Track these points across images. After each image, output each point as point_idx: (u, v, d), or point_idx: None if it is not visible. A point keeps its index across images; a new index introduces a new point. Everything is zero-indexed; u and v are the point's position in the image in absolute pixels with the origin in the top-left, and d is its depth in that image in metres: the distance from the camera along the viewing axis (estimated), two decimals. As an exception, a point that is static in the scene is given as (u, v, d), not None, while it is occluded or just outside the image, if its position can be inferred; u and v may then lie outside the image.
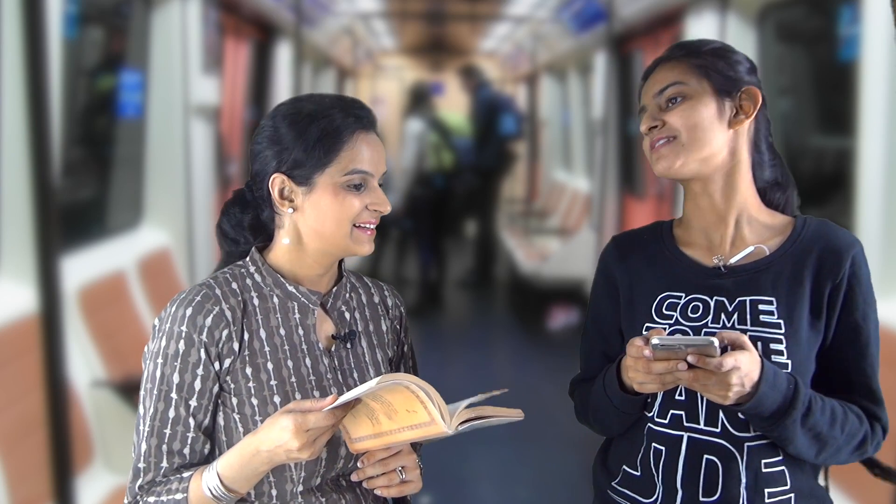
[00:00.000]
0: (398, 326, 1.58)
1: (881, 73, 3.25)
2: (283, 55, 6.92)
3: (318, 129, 1.39)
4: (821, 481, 1.52)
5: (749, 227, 1.46)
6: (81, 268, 3.49)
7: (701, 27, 4.98)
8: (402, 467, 1.41)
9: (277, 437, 1.28)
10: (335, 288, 1.50)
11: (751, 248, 1.44)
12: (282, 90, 6.81)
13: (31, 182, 2.99)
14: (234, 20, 5.67)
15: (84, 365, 3.40)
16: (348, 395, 1.26)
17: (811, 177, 4.59)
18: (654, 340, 1.28)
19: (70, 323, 3.25)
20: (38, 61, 2.94)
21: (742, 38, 4.51)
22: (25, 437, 2.96)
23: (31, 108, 2.95)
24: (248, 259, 1.48)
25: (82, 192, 4.17)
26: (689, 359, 1.27)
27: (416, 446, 1.53)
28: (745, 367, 1.28)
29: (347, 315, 1.50)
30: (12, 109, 2.94)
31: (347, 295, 1.52)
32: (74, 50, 3.78)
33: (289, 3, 6.72)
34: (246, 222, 1.50)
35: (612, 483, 1.51)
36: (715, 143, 1.43)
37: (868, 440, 1.43)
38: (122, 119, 4.34)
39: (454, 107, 9.66)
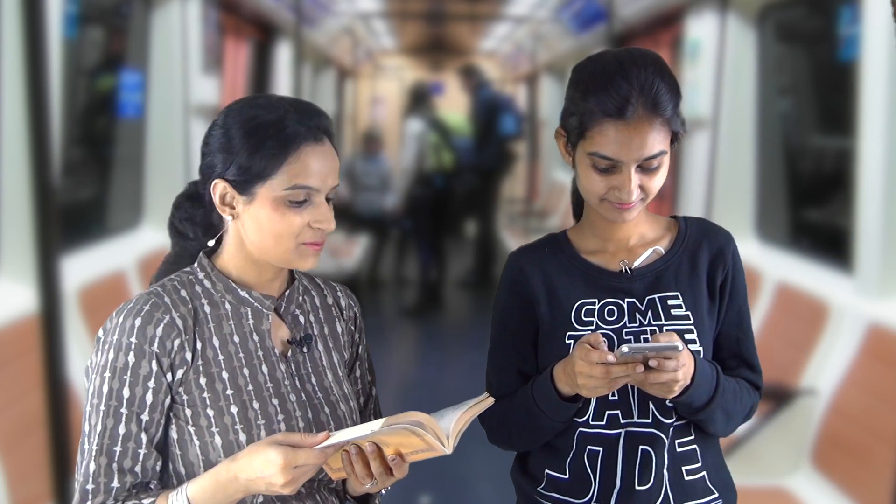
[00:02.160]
0: (353, 328, 1.52)
1: (881, 73, 3.26)
2: (283, 55, 6.93)
3: (265, 138, 1.32)
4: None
5: (642, 231, 1.55)
6: (81, 268, 3.49)
7: (701, 27, 4.98)
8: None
9: (261, 469, 1.23)
10: (288, 291, 1.44)
11: (650, 251, 1.53)
12: (282, 90, 6.81)
13: (31, 182, 2.99)
14: (234, 20, 5.68)
15: (84, 365, 3.40)
16: (344, 437, 1.23)
17: (811, 177, 4.59)
18: (624, 349, 1.33)
19: (70, 323, 3.25)
20: (38, 61, 2.95)
21: (742, 38, 4.52)
22: (25, 437, 2.96)
23: (31, 108, 2.95)
24: (195, 265, 1.41)
25: (82, 192, 4.17)
26: (651, 363, 1.34)
27: None
28: (685, 362, 1.37)
29: (302, 319, 1.45)
30: (12, 109, 2.94)
31: (301, 298, 1.46)
32: (74, 50, 3.78)
33: (289, 3, 6.73)
34: (197, 218, 1.44)
35: (538, 489, 1.54)
36: None
37: (754, 408, 1.57)
38: (122, 119, 4.34)
39: (454, 107, 9.67)
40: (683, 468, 1.49)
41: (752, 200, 4.51)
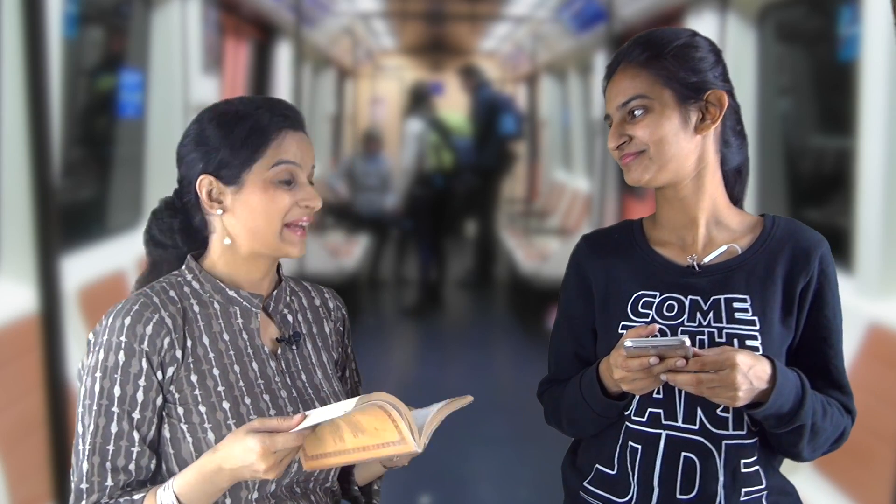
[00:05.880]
0: (341, 328, 1.56)
1: (881, 73, 3.25)
2: (283, 55, 6.92)
3: (245, 128, 1.38)
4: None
5: (719, 226, 1.48)
6: (81, 268, 3.49)
7: (701, 27, 4.96)
8: None
9: (242, 458, 1.24)
10: (276, 291, 1.47)
11: (724, 248, 1.45)
12: (282, 90, 6.81)
13: (31, 182, 2.99)
14: (234, 20, 5.68)
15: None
16: (319, 417, 1.22)
17: (811, 177, 4.59)
18: (628, 343, 1.30)
19: (70, 323, 3.25)
20: (38, 61, 2.94)
21: (742, 38, 4.52)
22: (25, 437, 2.96)
23: (31, 108, 2.95)
24: (184, 267, 1.45)
25: (82, 192, 4.17)
26: (690, 366, 1.29)
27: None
28: (745, 364, 1.30)
29: (290, 318, 1.48)
30: (12, 109, 2.94)
31: (288, 298, 1.50)
32: (74, 50, 3.78)
33: (289, 3, 6.73)
34: (175, 226, 1.48)
35: (584, 483, 1.50)
36: (682, 153, 1.43)
37: (846, 433, 1.45)
38: (122, 119, 4.34)
39: (454, 107, 9.66)
40: (743, 489, 1.41)
41: (752, 200, 4.49)
